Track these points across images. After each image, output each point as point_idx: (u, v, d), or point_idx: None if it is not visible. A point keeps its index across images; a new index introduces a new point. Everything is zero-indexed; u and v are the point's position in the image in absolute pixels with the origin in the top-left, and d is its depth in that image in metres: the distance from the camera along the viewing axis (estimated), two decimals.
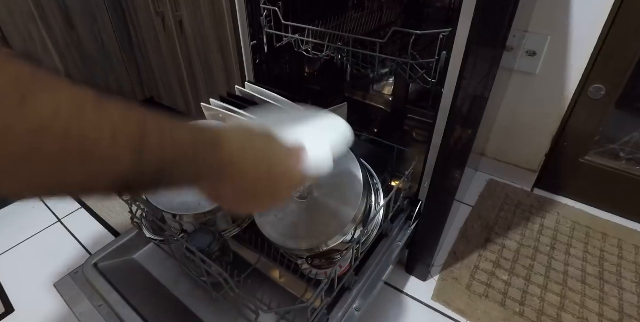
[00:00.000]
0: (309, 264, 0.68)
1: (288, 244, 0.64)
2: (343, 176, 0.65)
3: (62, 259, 1.06)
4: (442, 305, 0.91)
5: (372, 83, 1.37)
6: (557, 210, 1.18)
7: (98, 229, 1.15)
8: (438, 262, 1.01)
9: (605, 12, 0.93)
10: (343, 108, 0.81)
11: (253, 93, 0.85)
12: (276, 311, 0.66)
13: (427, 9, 1.07)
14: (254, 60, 0.95)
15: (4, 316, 0.92)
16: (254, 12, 0.86)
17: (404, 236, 0.85)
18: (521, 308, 0.89)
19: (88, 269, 0.75)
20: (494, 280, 0.96)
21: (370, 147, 0.91)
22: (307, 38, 0.82)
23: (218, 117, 0.84)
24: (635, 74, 0.98)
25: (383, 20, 1.02)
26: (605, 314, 0.87)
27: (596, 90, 1.04)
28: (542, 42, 1.03)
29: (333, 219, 0.62)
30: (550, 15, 1.00)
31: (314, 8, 0.95)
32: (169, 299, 0.75)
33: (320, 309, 0.61)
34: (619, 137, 1.10)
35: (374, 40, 0.71)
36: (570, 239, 1.08)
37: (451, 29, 0.61)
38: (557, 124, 1.13)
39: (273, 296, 0.72)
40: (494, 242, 1.07)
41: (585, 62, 1.01)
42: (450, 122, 0.69)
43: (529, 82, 1.12)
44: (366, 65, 0.77)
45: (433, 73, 0.70)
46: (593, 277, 0.96)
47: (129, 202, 0.72)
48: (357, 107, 1.37)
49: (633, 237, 1.08)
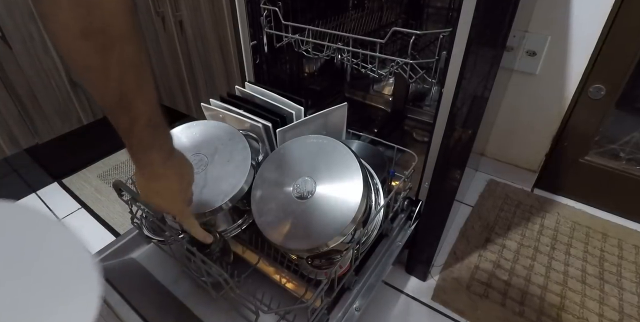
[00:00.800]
0: (309, 264, 0.68)
1: (288, 244, 0.64)
2: (343, 176, 0.65)
3: None
4: (442, 305, 0.91)
5: (372, 83, 1.37)
6: (557, 210, 1.18)
7: (98, 229, 1.15)
8: (438, 262, 1.01)
9: (605, 12, 0.93)
10: (343, 108, 0.81)
11: (253, 93, 0.85)
12: (276, 311, 0.66)
13: (427, 9, 1.07)
14: (254, 60, 0.95)
15: None
16: (254, 12, 0.86)
17: (404, 236, 0.85)
18: (521, 308, 0.89)
19: None
20: (494, 280, 0.96)
21: (370, 147, 0.91)
22: (307, 38, 0.82)
23: (218, 117, 0.84)
24: (635, 74, 0.98)
25: (383, 20, 1.02)
26: (605, 314, 0.87)
27: (596, 90, 1.04)
28: (542, 42, 1.03)
29: (333, 219, 0.62)
30: (550, 15, 1.00)
31: (314, 8, 0.95)
32: (169, 299, 0.75)
33: (320, 309, 0.61)
34: (619, 137, 1.10)
35: (374, 40, 0.71)
36: (570, 239, 1.08)
37: (451, 29, 0.61)
38: (557, 124, 1.13)
39: (273, 296, 0.72)
40: (494, 242, 1.07)
41: (585, 62, 1.01)
42: (450, 122, 0.69)
43: (529, 82, 1.12)
44: (366, 65, 0.77)
45: (433, 73, 0.70)
46: (593, 277, 0.96)
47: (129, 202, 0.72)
48: (357, 107, 1.37)
49: (633, 237, 1.08)
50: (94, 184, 1.34)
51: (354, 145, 0.91)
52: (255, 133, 0.79)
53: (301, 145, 0.72)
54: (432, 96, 1.28)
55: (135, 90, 0.38)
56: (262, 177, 0.71)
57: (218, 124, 0.76)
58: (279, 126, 0.76)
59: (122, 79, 0.37)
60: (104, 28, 0.33)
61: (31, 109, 1.17)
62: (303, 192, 0.66)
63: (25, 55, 1.10)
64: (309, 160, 0.69)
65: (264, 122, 0.76)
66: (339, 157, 0.67)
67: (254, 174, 0.71)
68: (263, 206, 0.68)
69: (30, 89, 1.14)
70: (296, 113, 0.80)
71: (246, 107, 0.80)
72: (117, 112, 0.39)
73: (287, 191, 0.67)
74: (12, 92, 1.11)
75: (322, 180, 0.65)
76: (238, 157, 0.71)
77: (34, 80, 1.14)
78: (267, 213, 0.67)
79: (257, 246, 0.76)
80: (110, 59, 0.35)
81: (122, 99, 0.38)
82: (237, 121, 0.79)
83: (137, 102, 0.39)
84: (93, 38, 0.33)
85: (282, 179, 0.69)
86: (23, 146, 1.19)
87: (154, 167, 0.46)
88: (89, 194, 1.30)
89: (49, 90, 1.19)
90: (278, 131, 0.75)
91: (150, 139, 0.43)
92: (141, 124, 0.41)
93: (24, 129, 1.18)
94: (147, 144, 0.43)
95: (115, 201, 1.25)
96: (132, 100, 0.39)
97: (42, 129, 1.22)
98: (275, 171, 0.70)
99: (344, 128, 0.87)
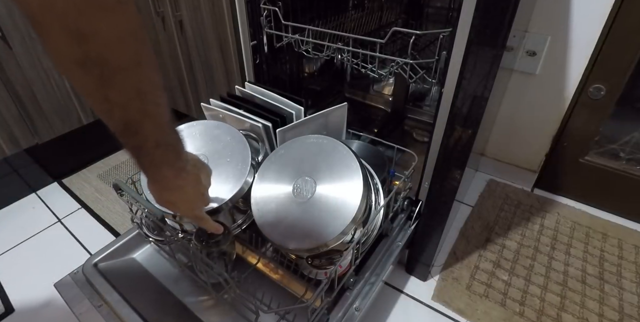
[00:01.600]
0: (309, 264, 0.68)
1: (288, 244, 0.64)
2: (343, 176, 0.65)
3: (62, 259, 1.06)
4: (442, 305, 0.91)
5: (372, 83, 1.37)
6: (557, 210, 1.18)
7: (98, 229, 1.15)
8: (438, 262, 1.01)
9: (605, 12, 0.93)
10: (343, 108, 0.81)
11: (253, 93, 0.85)
12: (276, 311, 0.66)
13: (427, 9, 1.07)
14: (254, 60, 0.95)
15: (4, 316, 0.92)
16: (254, 12, 0.86)
17: (404, 236, 0.85)
18: (521, 308, 0.89)
19: (88, 269, 0.75)
20: (494, 280, 0.96)
21: (370, 147, 0.91)
22: (307, 38, 0.82)
23: (218, 117, 0.84)
24: (635, 74, 0.98)
25: (383, 20, 1.02)
26: (605, 314, 0.87)
27: (596, 90, 1.04)
28: (542, 42, 1.03)
29: (333, 219, 0.62)
30: (550, 15, 1.00)
31: (314, 8, 0.95)
32: (169, 299, 0.75)
33: (320, 309, 0.61)
34: (619, 137, 1.10)
35: (374, 40, 0.71)
36: (570, 239, 1.08)
37: (451, 29, 0.61)
38: (557, 124, 1.13)
39: (273, 296, 0.72)
40: (494, 242, 1.07)
41: (585, 62, 1.01)
42: (450, 122, 0.69)
43: (529, 82, 1.12)
44: (366, 65, 0.77)
45: (433, 73, 0.70)
46: (593, 277, 0.96)
47: (129, 202, 0.73)
48: (357, 107, 1.37)
49: (633, 237, 1.08)
50: (94, 184, 1.34)
51: (354, 145, 0.91)
52: (255, 133, 0.79)
53: (301, 145, 0.72)
54: (432, 96, 1.28)
55: (142, 117, 0.35)
56: (262, 177, 0.71)
57: (218, 124, 0.76)
58: (279, 126, 0.76)
59: (127, 107, 0.34)
60: (101, 59, 0.29)
61: (31, 109, 1.17)
62: (303, 192, 0.66)
63: (25, 55, 1.10)
64: (309, 160, 0.69)
65: (264, 122, 0.76)
66: (339, 157, 0.67)
67: (254, 174, 0.71)
68: (263, 206, 0.68)
69: (30, 89, 1.14)
70: (296, 113, 0.80)
71: (246, 107, 0.80)
72: (124, 135, 0.36)
73: (287, 191, 0.67)
74: (12, 92, 1.11)
75: (322, 180, 0.65)
76: (238, 157, 0.71)
77: (34, 80, 1.14)
78: (267, 213, 0.67)
79: (257, 246, 0.76)
80: (112, 89, 0.32)
81: (127, 125, 0.35)
82: (237, 121, 0.79)
83: (146, 126, 0.36)
84: (90, 69, 0.30)
85: (282, 179, 0.69)
86: (23, 146, 1.19)
87: (166, 181, 0.44)
88: (89, 194, 1.30)
89: (49, 90, 1.19)
90: (278, 131, 0.75)
91: (161, 158, 0.41)
92: (150, 145, 0.38)
93: (24, 129, 1.18)
94: (158, 162, 0.41)
95: (115, 201, 1.25)
96: (139, 126, 0.36)
97: (42, 129, 1.22)
98: (275, 171, 0.70)
99: (344, 128, 0.87)
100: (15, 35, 1.07)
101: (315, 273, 0.69)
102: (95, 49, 0.29)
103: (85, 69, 0.30)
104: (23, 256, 1.08)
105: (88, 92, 0.32)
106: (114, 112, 0.34)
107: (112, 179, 1.36)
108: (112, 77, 0.31)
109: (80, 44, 0.28)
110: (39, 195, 1.31)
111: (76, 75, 0.31)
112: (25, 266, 1.05)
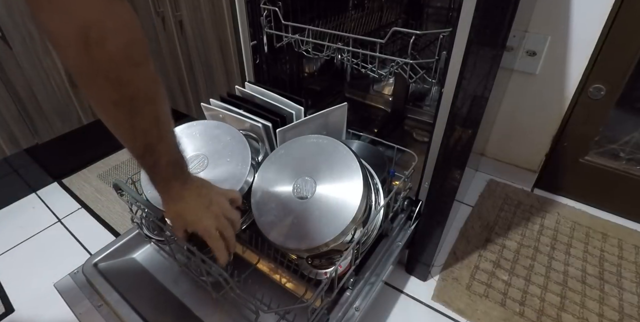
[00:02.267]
0: (309, 264, 0.68)
1: (288, 244, 0.64)
2: (343, 176, 0.65)
3: (62, 259, 1.06)
4: (442, 305, 0.91)
5: (372, 83, 1.37)
6: (557, 210, 1.18)
7: (98, 229, 1.15)
8: (438, 262, 1.01)
9: (605, 12, 0.93)
10: (343, 108, 0.81)
11: (253, 93, 0.85)
12: (276, 311, 0.66)
13: (427, 9, 1.07)
14: (254, 60, 0.95)
15: (4, 316, 0.92)
16: (254, 12, 0.86)
17: (404, 236, 0.85)
18: (521, 308, 0.89)
19: (88, 269, 0.75)
20: (494, 280, 0.96)
21: (370, 147, 0.91)
22: (307, 38, 0.82)
23: (218, 117, 0.84)
24: (635, 74, 0.98)
25: (383, 20, 1.02)
26: (605, 314, 0.87)
27: (596, 90, 1.04)
28: (542, 42, 1.03)
29: (333, 219, 0.62)
30: (550, 15, 1.00)
31: (314, 8, 0.95)
32: (169, 299, 0.75)
33: (320, 309, 0.61)
34: (619, 137, 1.10)
35: (374, 40, 0.71)
36: (570, 239, 1.08)
37: (451, 29, 0.61)
38: (557, 124, 1.13)
39: (273, 296, 0.72)
40: (494, 242, 1.07)
41: (585, 62, 1.01)
42: (450, 122, 0.69)
43: (529, 82, 1.12)
44: (366, 65, 0.77)
45: (433, 73, 0.70)
46: (593, 277, 0.96)
47: (129, 202, 0.72)
48: (357, 107, 1.37)
49: (633, 237, 1.08)
50: (94, 184, 1.34)
51: (354, 145, 0.91)
52: (255, 133, 0.79)
53: (301, 145, 0.72)
54: (432, 96, 1.28)
55: (158, 140, 0.46)
56: (262, 177, 0.71)
57: (218, 124, 0.76)
58: (279, 126, 0.76)
59: (147, 132, 0.44)
60: (133, 97, 0.40)
61: (31, 109, 1.17)
62: (303, 192, 0.66)
63: (25, 55, 1.10)
64: (309, 160, 0.69)
65: (264, 122, 0.76)
66: (339, 157, 0.67)
67: (254, 174, 0.71)
68: (263, 206, 0.68)
69: (30, 89, 1.14)
70: (296, 113, 0.80)
71: (246, 107, 0.80)
72: (144, 156, 0.47)
73: (287, 190, 0.67)
74: (12, 92, 1.11)
75: (322, 180, 0.65)
76: (238, 157, 0.71)
77: (34, 80, 1.14)
78: (267, 213, 0.67)
79: (257, 246, 0.76)
80: (137, 119, 0.42)
81: (146, 148, 0.45)
82: (237, 121, 0.79)
83: (160, 147, 0.47)
84: (123, 105, 0.40)
85: (282, 179, 0.69)
86: (23, 146, 1.19)
87: (174, 191, 0.53)
88: (89, 194, 1.30)
89: (49, 90, 1.19)
90: (278, 131, 0.75)
91: (171, 172, 0.51)
92: (162, 163, 0.48)
93: (24, 129, 1.18)
94: (168, 176, 0.51)
95: (115, 201, 1.25)
96: (156, 147, 0.46)
97: (42, 129, 1.22)
98: (275, 171, 0.70)
99: (344, 128, 0.87)
100: (15, 35, 1.07)
101: (315, 273, 0.69)
102: (130, 92, 0.39)
103: (119, 107, 0.40)
104: (23, 256, 1.08)
105: (119, 123, 0.42)
106: (138, 137, 0.44)
107: (112, 179, 1.36)
108: (139, 110, 0.41)
109: (119, 89, 0.38)
110: (39, 195, 1.31)
111: (111, 111, 0.41)
112: (25, 266, 1.05)
